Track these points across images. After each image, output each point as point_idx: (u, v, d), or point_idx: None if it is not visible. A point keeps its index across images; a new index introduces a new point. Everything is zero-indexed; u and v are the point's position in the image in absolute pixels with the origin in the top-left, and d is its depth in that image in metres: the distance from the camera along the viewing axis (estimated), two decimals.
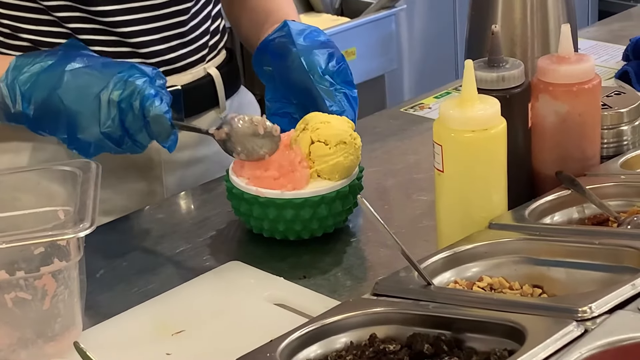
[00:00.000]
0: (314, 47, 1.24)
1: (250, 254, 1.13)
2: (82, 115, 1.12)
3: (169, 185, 1.33)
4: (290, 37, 1.24)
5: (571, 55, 1.09)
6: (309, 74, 1.22)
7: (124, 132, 1.13)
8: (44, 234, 0.92)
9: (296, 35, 1.24)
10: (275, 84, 1.28)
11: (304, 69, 1.22)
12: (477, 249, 0.97)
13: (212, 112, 1.36)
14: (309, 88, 1.23)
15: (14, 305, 0.93)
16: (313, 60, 1.23)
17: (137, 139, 1.13)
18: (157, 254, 1.16)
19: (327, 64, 1.23)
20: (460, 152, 1.01)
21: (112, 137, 1.13)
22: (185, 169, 1.35)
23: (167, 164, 1.32)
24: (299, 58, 1.23)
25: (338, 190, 1.12)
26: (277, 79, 1.27)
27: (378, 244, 1.14)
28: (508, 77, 1.08)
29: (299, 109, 1.26)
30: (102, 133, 1.12)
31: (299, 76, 1.23)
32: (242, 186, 1.13)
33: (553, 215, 1.05)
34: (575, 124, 1.09)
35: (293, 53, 1.23)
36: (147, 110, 1.11)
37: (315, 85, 1.22)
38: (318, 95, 1.22)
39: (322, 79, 1.22)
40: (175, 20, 1.29)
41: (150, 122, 1.12)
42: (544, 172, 1.11)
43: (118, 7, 1.25)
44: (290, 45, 1.24)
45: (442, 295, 0.90)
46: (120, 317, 1.02)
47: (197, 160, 1.36)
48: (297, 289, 1.05)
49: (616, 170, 1.11)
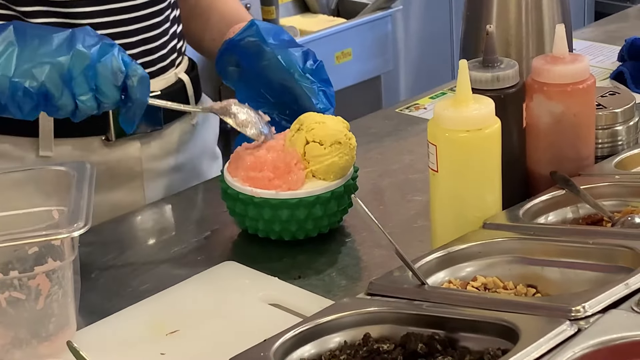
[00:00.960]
0: (287, 45, 1.24)
1: (245, 254, 1.13)
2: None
3: (150, 195, 1.32)
4: (260, 36, 1.24)
5: (566, 56, 1.09)
6: (290, 72, 1.22)
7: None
8: (38, 233, 0.92)
9: (266, 34, 1.24)
10: (247, 84, 1.27)
11: (283, 68, 1.22)
12: (471, 248, 0.97)
13: (185, 118, 1.35)
14: (289, 86, 1.22)
15: (8, 305, 0.93)
16: (291, 59, 1.22)
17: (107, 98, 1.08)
18: (152, 254, 1.16)
19: (305, 63, 1.23)
20: (455, 152, 1.01)
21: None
22: (164, 177, 1.33)
23: (147, 173, 1.31)
24: (275, 57, 1.22)
25: (333, 191, 1.12)
26: (250, 79, 1.26)
27: (373, 244, 1.14)
28: (503, 77, 1.08)
29: (277, 108, 1.25)
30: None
31: (277, 75, 1.23)
32: (237, 187, 1.13)
33: (547, 215, 1.05)
34: (570, 124, 1.09)
35: (268, 52, 1.23)
36: (133, 70, 1.08)
37: (300, 84, 1.21)
38: (302, 93, 1.21)
39: (303, 77, 1.22)
40: (151, 22, 1.28)
41: (133, 83, 1.08)
42: (538, 172, 1.11)
43: (96, 8, 1.23)
44: (263, 45, 1.23)
45: (436, 295, 0.90)
46: (114, 317, 1.02)
47: (176, 169, 1.35)
48: (292, 289, 1.05)
49: (610, 171, 1.11)
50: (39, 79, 1.05)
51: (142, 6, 1.27)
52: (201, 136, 1.39)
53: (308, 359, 0.87)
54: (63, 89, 1.06)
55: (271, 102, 1.26)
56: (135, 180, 1.30)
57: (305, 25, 2.52)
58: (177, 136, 1.34)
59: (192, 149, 1.37)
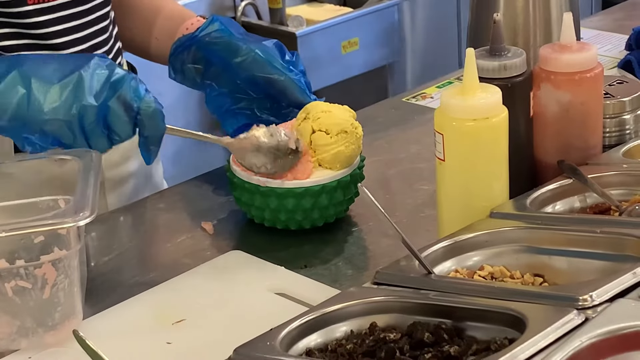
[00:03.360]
0: (255, 39, 1.22)
1: (251, 243, 1.13)
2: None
3: (112, 203, 1.30)
4: (228, 31, 1.21)
5: (573, 44, 1.09)
6: (273, 65, 1.20)
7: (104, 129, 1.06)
8: (44, 222, 0.92)
9: (232, 29, 1.21)
10: (217, 80, 1.23)
11: (264, 62, 1.19)
12: (478, 237, 0.97)
13: None
14: (272, 80, 1.20)
15: (14, 294, 0.93)
16: (270, 53, 1.20)
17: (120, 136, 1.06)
18: (158, 243, 1.16)
19: (284, 55, 1.21)
20: (462, 140, 1.01)
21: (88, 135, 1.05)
22: (122, 185, 1.31)
23: (108, 182, 1.29)
24: (252, 51, 1.19)
25: (339, 180, 1.12)
26: (220, 76, 1.23)
27: (379, 233, 1.13)
28: (510, 66, 1.07)
29: (256, 102, 1.23)
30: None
31: (257, 69, 1.20)
32: (243, 176, 1.13)
33: (555, 204, 1.05)
34: (577, 112, 1.09)
35: (242, 47, 1.20)
36: (145, 105, 1.06)
37: (290, 77, 1.20)
38: (291, 86, 1.20)
39: (289, 70, 1.20)
40: (99, 26, 1.26)
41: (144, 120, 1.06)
42: (545, 161, 1.11)
43: (48, 17, 1.20)
44: (234, 40, 1.20)
45: (442, 284, 0.90)
46: (120, 306, 1.02)
47: (130, 176, 1.33)
48: (298, 278, 1.05)
49: (618, 160, 1.11)
50: (48, 133, 1.04)
51: (91, 11, 1.24)
52: None
53: (314, 348, 0.87)
54: (75, 139, 1.05)
55: (252, 97, 1.23)
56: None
57: (312, 15, 2.52)
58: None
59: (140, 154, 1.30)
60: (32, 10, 1.18)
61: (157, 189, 1.37)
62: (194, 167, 2.00)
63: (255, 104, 1.23)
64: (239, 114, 1.24)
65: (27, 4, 1.18)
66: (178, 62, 1.24)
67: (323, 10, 2.55)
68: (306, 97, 1.21)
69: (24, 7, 1.18)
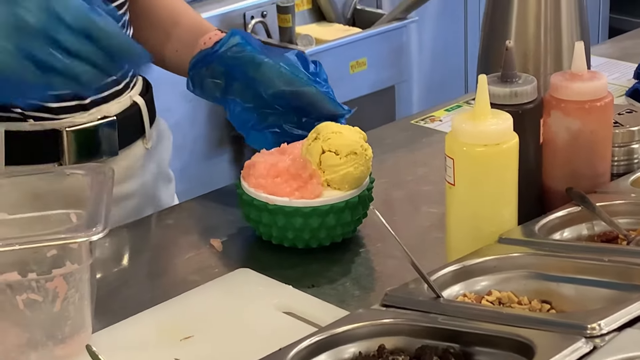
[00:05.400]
0: (277, 52, 1.21)
1: (260, 261, 1.14)
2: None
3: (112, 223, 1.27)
4: (250, 45, 1.19)
5: (584, 73, 1.10)
6: (299, 78, 1.18)
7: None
8: (57, 236, 0.92)
9: (252, 43, 1.20)
10: (242, 96, 1.22)
11: (290, 75, 1.18)
12: (486, 262, 0.98)
13: (139, 142, 1.30)
14: (300, 93, 1.19)
15: (25, 307, 0.94)
16: (295, 65, 1.19)
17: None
18: (167, 259, 1.17)
19: (308, 67, 1.20)
20: (472, 166, 1.02)
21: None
22: (120, 204, 1.27)
23: None
24: (277, 65, 1.18)
25: (347, 201, 1.12)
26: (244, 90, 1.22)
27: (386, 255, 1.14)
28: (521, 93, 1.08)
29: (284, 117, 1.22)
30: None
31: (282, 83, 1.18)
32: (252, 192, 1.13)
33: (563, 231, 1.05)
34: (587, 140, 1.10)
35: (265, 61, 1.18)
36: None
37: (318, 89, 1.19)
38: (321, 98, 1.19)
39: (315, 81, 1.19)
40: None
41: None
42: (554, 188, 1.12)
43: None
44: (256, 54, 1.19)
45: (451, 308, 0.90)
46: (129, 321, 1.02)
47: (130, 195, 1.30)
48: (306, 297, 1.05)
49: (626, 188, 1.11)
50: None
51: None
52: (155, 160, 1.34)
53: None
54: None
55: (279, 111, 1.23)
56: None
57: (321, 34, 2.53)
58: (131, 161, 1.29)
59: (146, 174, 1.32)
60: None
61: (162, 207, 1.35)
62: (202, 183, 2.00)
63: (283, 119, 1.23)
64: (266, 130, 1.23)
65: None
66: (197, 76, 1.24)
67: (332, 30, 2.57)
68: (339, 108, 1.20)
69: None
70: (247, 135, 1.25)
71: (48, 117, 1.20)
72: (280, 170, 1.14)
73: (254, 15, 2.48)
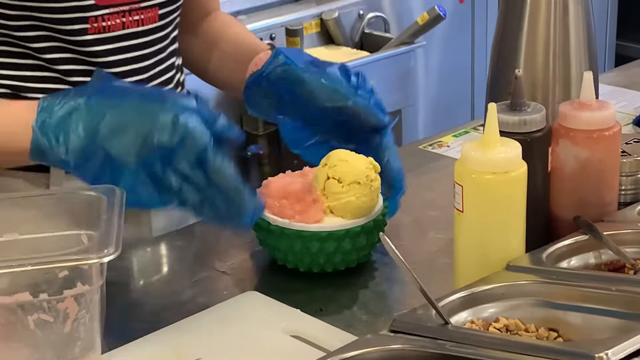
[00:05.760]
0: (320, 66, 1.22)
1: (268, 284, 1.14)
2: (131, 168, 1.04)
3: (156, 229, 1.31)
4: (293, 63, 1.21)
5: (592, 102, 1.11)
6: (341, 94, 1.19)
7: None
8: (68, 257, 0.93)
9: (296, 60, 1.21)
10: (291, 114, 1.25)
11: (333, 90, 1.19)
12: (494, 290, 0.98)
13: None
14: (341, 108, 1.20)
15: (36, 327, 0.94)
16: (336, 80, 1.20)
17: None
18: (176, 280, 1.17)
19: (349, 79, 1.21)
20: (481, 193, 1.02)
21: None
22: (169, 211, 1.30)
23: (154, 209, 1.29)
24: (319, 81, 1.19)
25: (362, 225, 1.13)
26: (292, 109, 1.24)
27: (394, 280, 1.15)
28: (529, 121, 1.09)
29: (332, 133, 1.24)
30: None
31: (326, 99, 1.20)
32: (268, 217, 1.14)
33: (570, 260, 1.06)
34: (595, 169, 1.11)
35: (307, 79, 1.20)
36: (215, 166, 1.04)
37: (357, 101, 1.20)
38: (362, 110, 1.20)
39: (355, 94, 1.20)
40: (157, 58, 1.27)
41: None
42: (562, 216, 1.12)
43: (107, 47, 1.21)
44: (298, 72, 1.20)
45: (459, 335, 0.91)
46: (137, 343, 1.03)
47: None
48: (314, 321, 1.06)
49: (633, 218, 1.12)
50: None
51: (153, 42, 1.26)
52: None
53: None
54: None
55: (326, 127, 1.24)
56: (143, 215, 1.30)
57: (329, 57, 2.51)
58: None
59: None
60: (92, 39, 1.20)
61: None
62: None
63: (330, 135, 1.24)
64: (320, 146, 1.25)
65: (87, 34, 1.19)
66: (251, 97, 1.26)
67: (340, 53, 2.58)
68: (379, 118, 1.21)
69: (84, 36, 1.19)
70: (303, 155, 1.27)
71: None
72: (289, 193, 1.15)
73: (263, 37, 2.49)
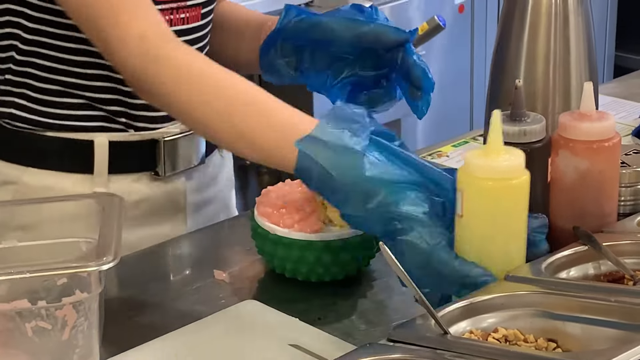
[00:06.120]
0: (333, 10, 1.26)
1: (267, 293, 1.14)
2: None
3: (191, 227, 1.34)
4: (307, 13, 1.25)
5: (592, 113, 1.11)
6: (357, 20, 1.23)
7: None
8: (67, 265, 0.93)
9: (310, 12, 1.25)
10: (314, 63, 1.27)
11: (350, 21, 1.23)
12: (493, 300, 0.98)
13: (216, 151, 1.38)
14: (362, 35, 1.23)
15: (34, 334, 0.94)
16: (350, 14, 1.24)
17: None
18: (175, 288, 1.17)
19: (362, 11, 1.25)
20: (481, 199, 1.02)
21: None
22: (202, 210, 1.36)
23: (190, 206, 1.33)
24: (334, 20, 1.23)
25: (361, 235, 1.13)
26: (316, 56, 1.27)
27: (393, 289, 1.15)
28: (529, 132, 1.09)
29: (362, 62, 1.27)
30: None
31: (346, 32, 1.23)
32: (259, 220, 1.14)
33: (569, 270, 1.06)
34: (594, 180, 1.10)
35: (324, 21, 1.24)
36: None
37: (375, 24, 1.24)
38: (382, 30, 1.24)
39: (372, 19, 1.24)
40: None
41: None
42: (561, 227, 1.12)
43: None
44: (316, 18, 1.24)
45: (458, 345, 0.91)
46: (135, 351, 1.03)
47: (211, 200, 1.38)
48: (312, 330, 1.06)
49: (633, 229, 1.12)
50: None
51: (194, 41, 1.28)
52: (226, 167, 1.42)
53: None
54: None
55: (351, 59, 1.27)
56: (180, 214, 1.33)
57: None
58: (212, 168, 1.37)
59: (220, 180, 1.40)
60: None
61: (232, 214, 1.42)
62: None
63: (357, 66, 1.27)
64: (343, 84, 1.28)
65: None
66: (268, 61, 1.29)
67: None
68: (400, 33, 1.24)
69: None
70: (329, 95, 1.29)
71: (147, 127, 1.26)
72: (288, 202, 1.15)
73: None
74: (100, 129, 1.25)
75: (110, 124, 1.26)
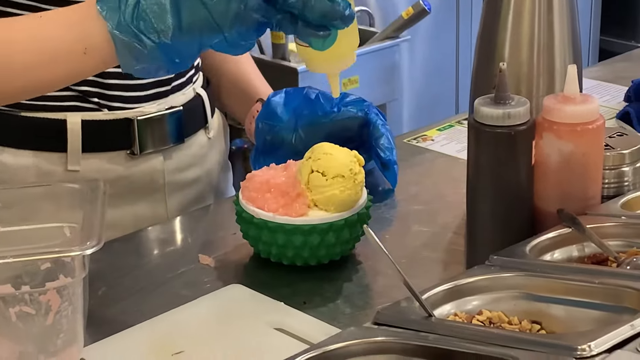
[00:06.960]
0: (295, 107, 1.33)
1: (252, 277, 1.14)
2: None
3: (171, 208, 1.35)
4: (272, 130, 1.31)
5: (576, 96, 1.11)
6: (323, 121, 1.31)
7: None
8: (51, 249, 0.93)
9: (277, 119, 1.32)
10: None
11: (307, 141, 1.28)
12: (478, 282, 0.98)
13: (201, 131, 1.39)
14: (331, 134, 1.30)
15: (18, 319, 0.94)
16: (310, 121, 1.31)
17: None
18: (159, 273, 1.17)
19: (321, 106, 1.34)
20: None
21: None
22: (185, 190, 1.37)
23: (169, 186, 1.34)
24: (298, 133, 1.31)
25: (346, 219, 1.13)
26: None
27: (378, 273, 1.15)
28: (513, 115, 1.09)
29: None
30: None
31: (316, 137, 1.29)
32: (243, 204, 1.14)
33: (553, 252, 1.06)
34: (578, 163, 1.11)
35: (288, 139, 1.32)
36: None
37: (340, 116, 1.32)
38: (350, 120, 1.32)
39: (332, 112, 1.33)
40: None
41: None
42: (545, 209, 1.12)
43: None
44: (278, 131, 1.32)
45: (442, 328, 0.91)
46: (120, 336, 1.03)
47: (195, 181, 1.39)
48: (297, 314, 1.06)
49: (616, 211, 1.12)
50: None
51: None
52: (215, 149, 1.43)
53: None
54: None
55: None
56: (158, 193, 1.34)
57: None
58: (195, 149, 1.37)
59: (208, 162, 1.40)
60: None
61: (223, 196, 1.44)
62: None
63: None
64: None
65: None
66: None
67: None
68: (359, 117, 1.33)
69: None
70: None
71: (121, 106, 1.27)
72: (272, 186, 1.15)
73: None
74: (73, 109, 1.26)
75: (84, 103, 1.27)
